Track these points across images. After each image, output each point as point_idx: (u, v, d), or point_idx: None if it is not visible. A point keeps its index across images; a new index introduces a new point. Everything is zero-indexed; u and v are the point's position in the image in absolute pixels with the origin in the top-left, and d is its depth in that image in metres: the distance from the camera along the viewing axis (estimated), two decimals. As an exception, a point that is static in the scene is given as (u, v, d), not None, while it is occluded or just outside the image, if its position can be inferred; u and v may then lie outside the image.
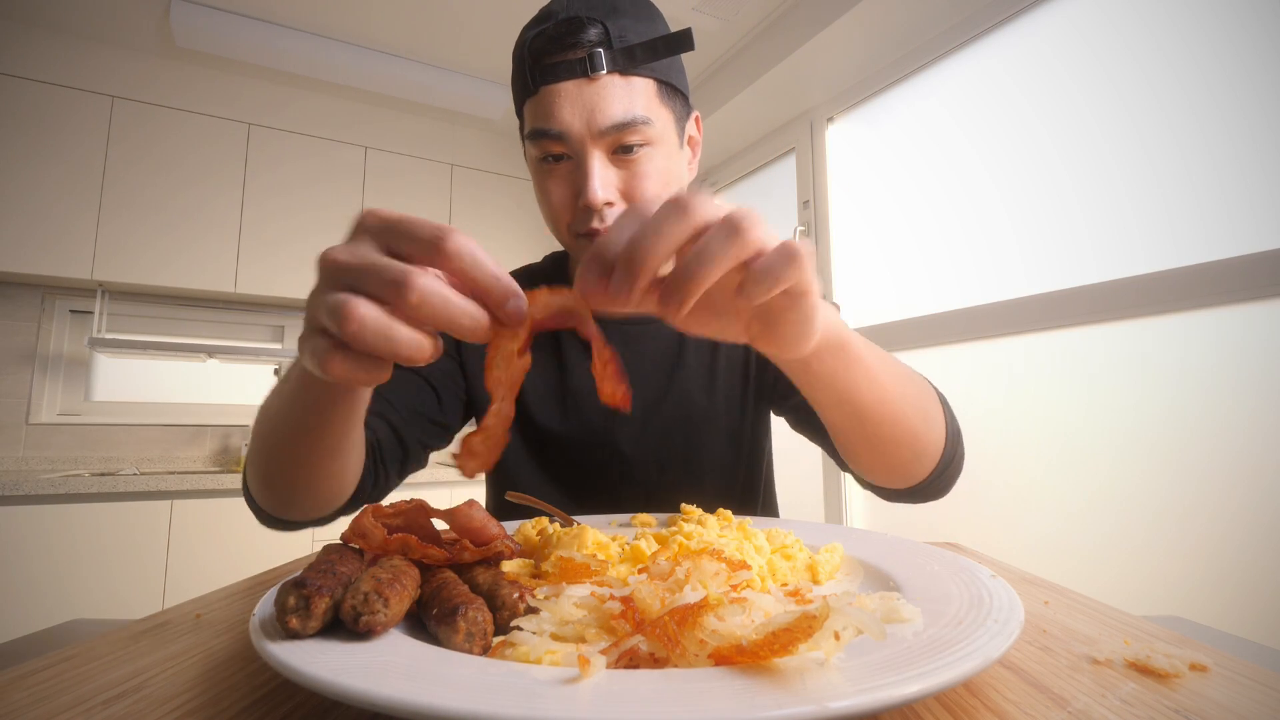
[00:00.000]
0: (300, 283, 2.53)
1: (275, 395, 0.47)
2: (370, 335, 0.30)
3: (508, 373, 0.35)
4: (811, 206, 2.28)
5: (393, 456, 0.69)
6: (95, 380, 2.47)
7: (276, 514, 0.57)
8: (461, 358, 0.78)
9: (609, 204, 0.63)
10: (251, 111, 2.52)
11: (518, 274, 0.83)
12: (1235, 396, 1.14)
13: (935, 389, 0.58)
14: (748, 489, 0.82)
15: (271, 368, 2.74)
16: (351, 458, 0.52)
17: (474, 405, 0.79)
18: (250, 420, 2.55)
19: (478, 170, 2.96)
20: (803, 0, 2.01)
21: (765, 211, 2.60)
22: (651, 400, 0.78)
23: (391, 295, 0.30)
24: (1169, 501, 1.21)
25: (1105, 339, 1.35)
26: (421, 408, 0.72)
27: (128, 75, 2.35)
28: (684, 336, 0.79)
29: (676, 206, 0.31)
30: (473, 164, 2.95)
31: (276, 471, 0.51)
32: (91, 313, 2.40)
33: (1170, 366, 1.24)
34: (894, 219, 1.97)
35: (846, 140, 2.20)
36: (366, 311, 0.30)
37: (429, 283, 0.30)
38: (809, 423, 0.73)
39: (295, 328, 2.78)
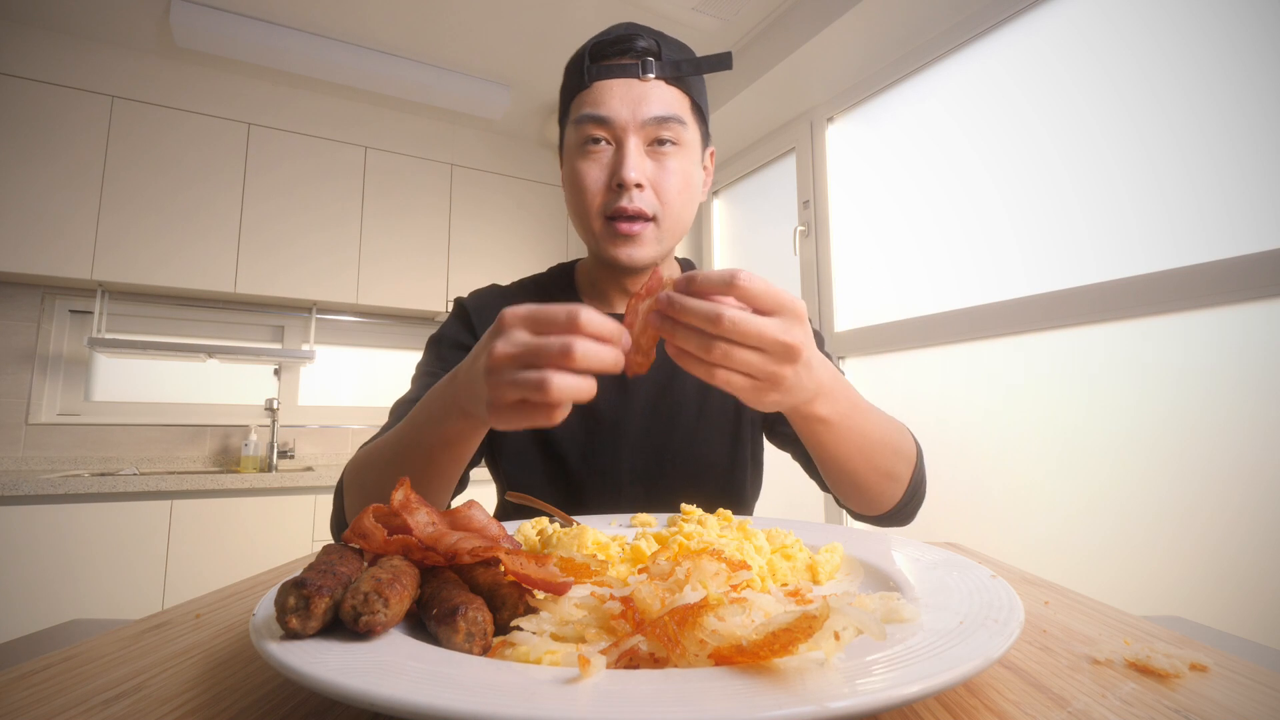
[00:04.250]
0: (300, 282, 2.53)
1: (411, 427, 0.57)
2: (566, 390, 0.41)
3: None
4: (811, 206, 2.28)
5: None
6: (95, 380, 2.47)
7: None
8: None
9: (639, 186, 0.70)
10: (251, 111, 2.52)
11: (525, 284, 0.88)
12: (1235, 396, 1.14)
13: (913, 439, 0.69)
14: (739, 489, 0.82)
15: (272, 368, 2.74)
16: (453, 483, 0.61)
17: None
18: (250, 420, 2.52)
19: (478, 170, 2.96)
20: (802, 0, 2.01)
21: (765, 211, 2.62)
22: (653, 394, 0.79)
23: (562, 360, 0.41)
24: (1169, 501, 1.21)
25: (1105, 339, 1.36)
26: None
27: (128, 75, 2.35)
28: None
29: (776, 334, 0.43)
30: (473, 164, 2.95)
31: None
32: (91, 313, 2.40)
33: (1170, 366, 1.24)
34: (894, 219, 1.97)
35: (846, 140, 2.20)
36: (562, 379, 0.41)
37: (583, 344, 0.41)
38: (794, 448, 0.81)
39: (295, 327, 2.78)
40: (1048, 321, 1.46)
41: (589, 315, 0.43)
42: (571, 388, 0.42)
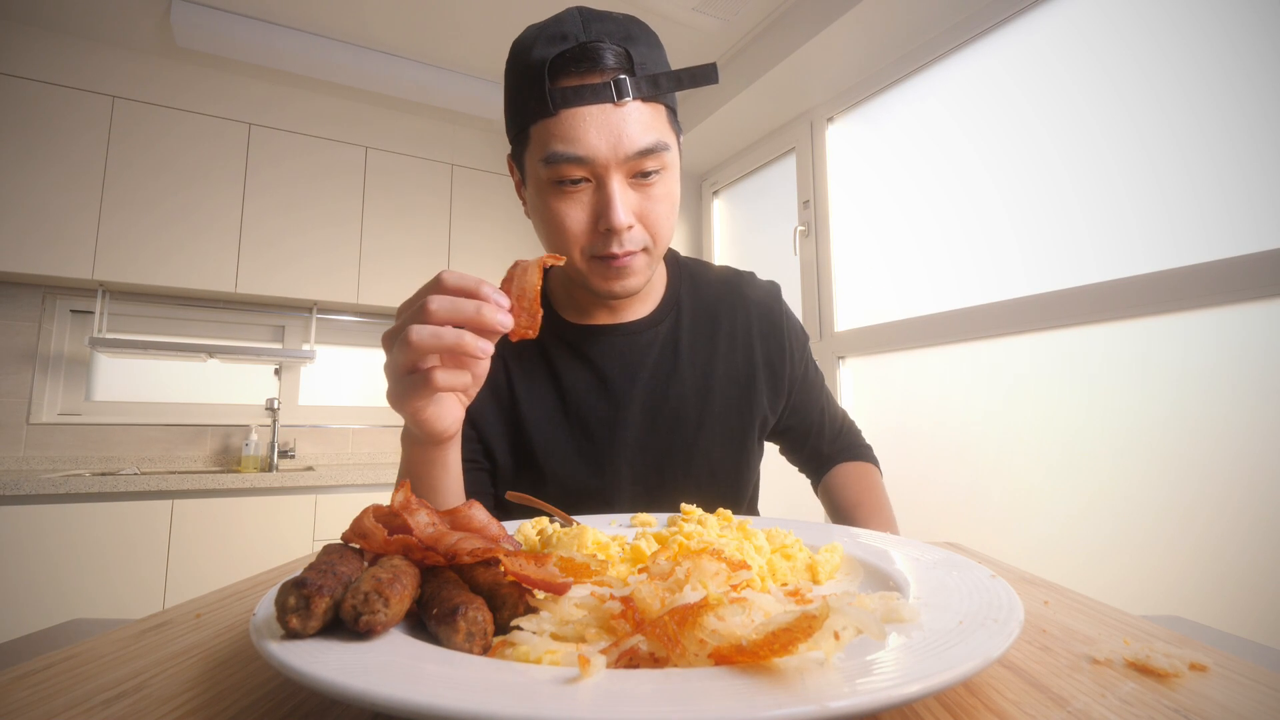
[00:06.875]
0: (300, 282, 2.53)
1: (402, 459, 0.63)
2: (424, 340, 0.44)
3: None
4: (811, 206, 2.28)
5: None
6: (96, 380, 2.47)
7: None
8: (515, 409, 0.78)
9: (629, 227, 0.65)
10: (251, 111, 2.52)
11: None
12: (1235, 396, 1.14)
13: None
14: (742, 494, 0.82)
15: (272, 367, 2.74)
16: (452, 495, 0.63)
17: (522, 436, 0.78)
18: (250, 420, 2.54)
19: (478, 170, 2.96)
20: (803, 0, 2.01)
21: (765, 211, 2.62)
22: (649, 402, 0.78)
23: (421, 316, 0.45)
24: (1169, 501, 1.21)
25: (1105, 339, 1.35)
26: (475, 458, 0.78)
27: (128, 75, 2.35)
28: (678, 344, 0.81)
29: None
30: (473, 164, 2.95)
31: None
32: (92, 312, 2.40)
33: (1170, 366, 1.24)
34: (894, 219, 1.97)
35: (846, 140, 2.20)
36: (419, 329, 0.45)
37: (432, 298, 0.46)
38: (783, 439, 0.90)
39: (295, 327, 2.79)
40: (1048, 321, 1.46)
41: (447, 274, 0.46)
42: (430, 338, 0.44)
